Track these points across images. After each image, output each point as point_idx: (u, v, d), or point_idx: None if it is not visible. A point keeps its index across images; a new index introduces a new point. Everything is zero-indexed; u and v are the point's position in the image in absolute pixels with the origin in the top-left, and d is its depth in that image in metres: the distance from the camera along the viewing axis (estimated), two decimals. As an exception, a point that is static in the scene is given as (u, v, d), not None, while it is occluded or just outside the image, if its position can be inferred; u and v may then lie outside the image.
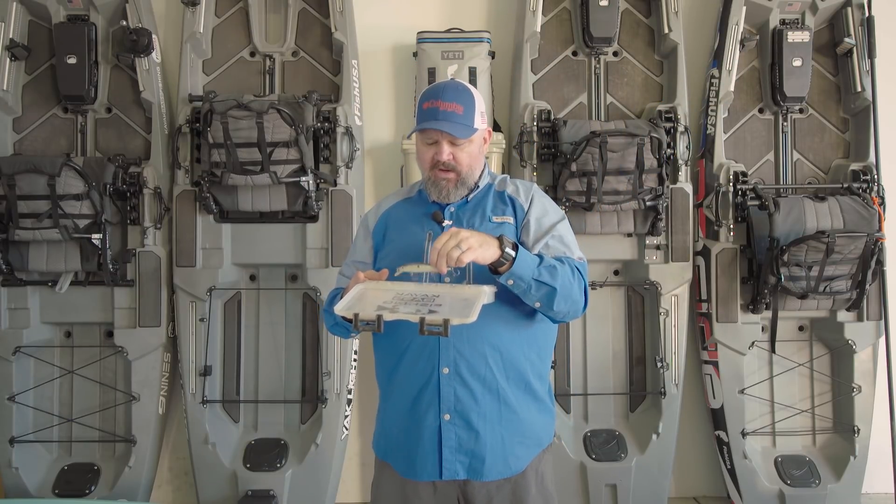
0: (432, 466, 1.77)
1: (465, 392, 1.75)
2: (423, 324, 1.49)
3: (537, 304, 1.69)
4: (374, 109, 3.63)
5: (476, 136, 1.82)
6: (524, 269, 1.63)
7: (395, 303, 1.59)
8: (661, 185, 3.22)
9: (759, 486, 3.31)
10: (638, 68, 3.52)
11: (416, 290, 1.64)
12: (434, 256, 1.58)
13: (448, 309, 1.54)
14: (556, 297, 1.67)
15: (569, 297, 1.70)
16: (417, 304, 1.58)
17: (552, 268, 1.67)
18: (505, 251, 1.61)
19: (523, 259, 1.64)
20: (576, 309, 1.75)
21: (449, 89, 1.82)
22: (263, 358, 3.42)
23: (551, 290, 1.66)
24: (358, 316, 1.55)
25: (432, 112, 1.77)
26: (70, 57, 3.26)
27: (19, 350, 3.26)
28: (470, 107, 1.80)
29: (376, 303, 1.60)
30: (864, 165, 3.40)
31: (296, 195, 3.20)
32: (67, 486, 3.22)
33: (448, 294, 1.62)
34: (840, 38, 3.46)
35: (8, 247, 3.16)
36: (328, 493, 3.28)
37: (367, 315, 1.55)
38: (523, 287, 1.65)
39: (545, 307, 1.70)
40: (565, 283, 1.68)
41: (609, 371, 3.47)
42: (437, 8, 3.72)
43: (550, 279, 1.66)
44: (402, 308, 1.56)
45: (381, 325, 1.53)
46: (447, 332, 1.48)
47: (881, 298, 3.36)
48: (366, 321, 1.54)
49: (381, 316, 1.54)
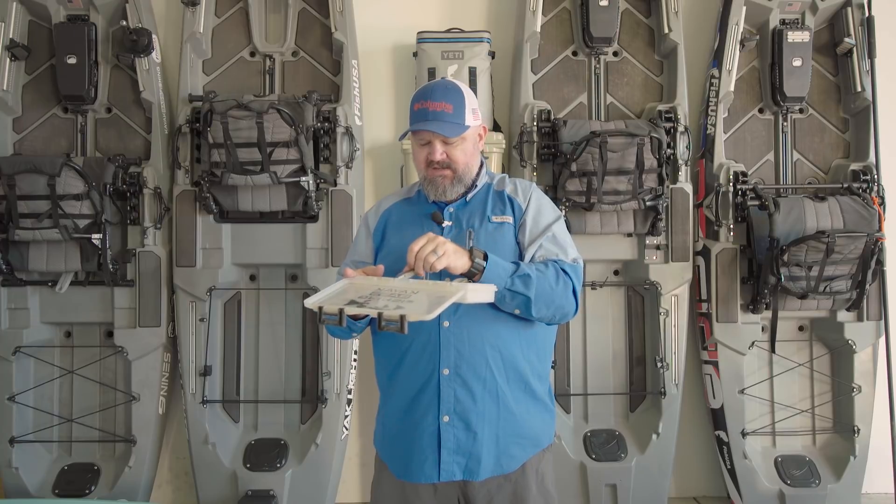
0: (430, 468, 1.76)
1: (465, 393, 1.75)
2: (380, 319, 1.48)
3: (516, 311, 1.72)
4: (374, 109, 3.63)
5: (469, 134, 1.82)
6: (495, 280, 1.65)
7: (369, 297, 1.58)
8: (661, 185, 3.22)
9: (759, 486, 3.31)
10: (638, 68, 3.52)
11: (398, 286, 1.62)
12: (411, 258, 1.61)
13: (416, 305, 1.52)
14: (531, 304, 1.69)
15: (550, 303, 1.72)
16: (391, 299, 1.56)
17: (526, 276, 1.69)
18: (475, 262, 1.64)
19: (493, 270, 1.66)
20: (563, 313, 1.77)
21: (438, 89, 1.82)
22: (263, 358, 3.42)
23: (525, 298, 1.68)
24: (322, 309, 1.55)
25: (422, 113, 1.78)
26: (70, 57, 3.26)
27: (19, 350, 3.26)
28: (460, 104, 1.80)
29: (353, 297, 1.59)
30: (864, 165, 3.39)
31: (296, 195, 3.20)
32: (67, 486, 3.22)
33: (426, 291, 1.59)
34: (840, 38, 3.46)
35: (8, 247, 3.16)
36: (328, 493, 3.28)
37: (330, 309, 1.55)
38: (497, 297, 1.66)
39: (524, 313, 1.72)
40: (543, 290, 1.70)
41: (609, 371, 3.47)
42: (437, 8, 3.72)
43: (524, 288, 1.68)
44: (371, 303, 1.55)
45: (343, 319, 1.53)
46: (404, 329, 1.46)
47: (881, 298, 3.36)
48: (329, 314, 1.54)
49: (342, 310, 1.53)
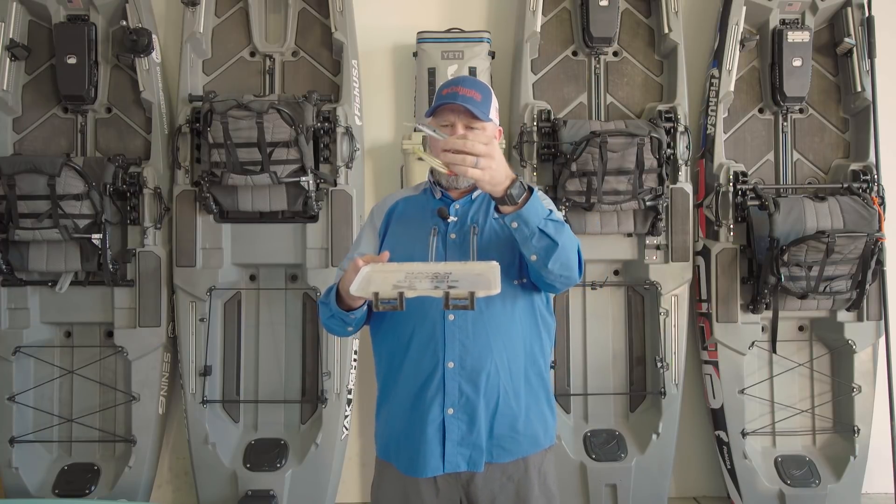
0: (436, 461, 1.77)
1: (470, 386, 1.76)
2: (447, 298, 1.41)
3: (533, 258, 1.65)
4: (374, 109, 3.63)
5: (490, 127, 1.84)
6: (532, 216, 1.59)
7: (410, 281, 1.51)
8: (661, 185, 3.22)
9: (759, 486, 3.31)
10: (638, 68, 3.52)
11: (426, 269, 1.58)
12: (452, 147, 1.54)
13: (466, 283, 1.47)
14: (555, 252, 1.63)
15: (567, 260, 1.67)
16: (433, 280, 1.50)
17: (559, 223, 1.65)
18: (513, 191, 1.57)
19: (534, 205, 1.59)
20: (569, 275, 1.71)
21: (468, 79, 1.91)
22: (263, 358, 3.42)
23: (553, 244, 1.62)
24: (378, 295, 1.44)
25: (452, 95, 1.81)
26: (70, 57, 3.26)
27: (19, 350, 3.26)
28: (487, 97, 1.84)
29: (390, 282, 1.51)
30: (864, 165, 3.40)
31: (296, 195, 3.20)
32: (67, 486, 3.22)
33: (459, 270, 1.55)
34: (840, 38, 3.46)
35: (8, 247, 3.16)
36: (328, 493, 3.28)
37: (388, 293, 1.44)
38: (526, 234, 1.61)
39: (541, 262, 1.65)
40: (566, 243, 1.65)
41: (609, 371, 3.47)
42: (437, 8, 3.72)
43: (555, 233, 1.62)
44: (418, 285, 1.48)
45: (403, 303, 1.44)
46: (473, 305, 1.41)
47: (881, 298, 3.36)
48: (387, 299, 1.44)
49: (402, 293, 1.44)
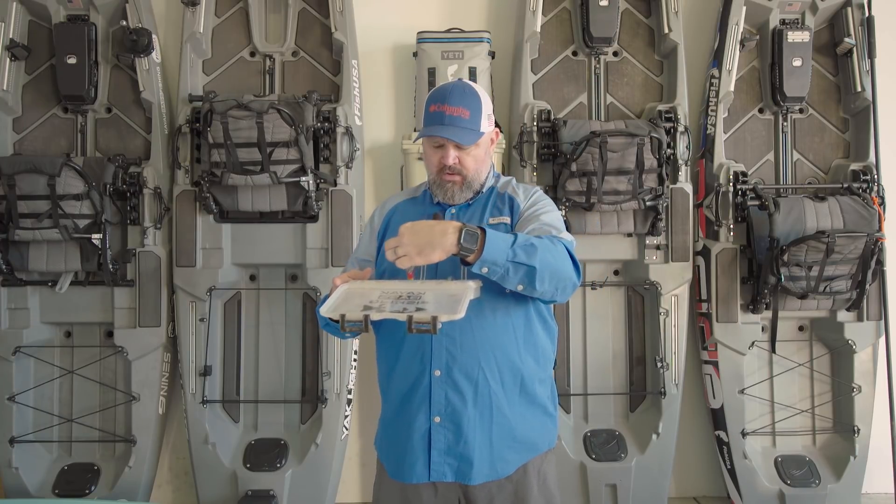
0: (421, 468, 1.76)
1: (456, 395, 1.74)
2: (410, 322, 1.44)
3: (520, 287, 1.59)
4: (374, 109, 3.63)
5: (482, 140, 1.82)
6: (496, 254, 1.52)
7: (382, 301, 1.54)
8: (661, 185, 3.22)
9: (759, 486, 3.31)
10: (638, 68, 3.52)
11: (401, 288, 1.60)
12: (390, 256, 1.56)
13: (434, 306, 1.49)
14: (536, 275, 1.56)
15: (554, 274, 1.59)
16: (404, 301, 1.52)
17: (529, 246, 1.56)
18: (463, 245, 1.51)
19: (493, 243, 1.53)
20: (564, 285, 1.64)
21: (455, 93, 1.79)
22: (263, 358, 3.42)
23: (530, 269, 1.55)
24: (344, 317, 1.49)
25: (438, 116, 1.76)
26: (70, 57, 3.26)
27: (19, 350, 3.26)
28: (476, 110, 1.79)
29: (363, 302, 1.54)
30: (864, 165, 3.39)
31: (296, 195, 3.20)
32: (67, 486, 3.22)
33: (433, 290, 1.57)
34: (840, 38, 3.45)
35: (8, 247, 3.16)
36: (328, 493, 3.28)
37: (354, 315, 1.48)
38: (500, 272, 1.54)
39: (529, 288, 1.59)
40: (546, 260, 1.57)
41: (609, 371, 3.47)
42: (437, 8, 3.71)
43: (528, 258, 1.54)
44: (388, 307, 1.51)
45: (368, 325, 1.49)
46: (436, 330, 1.43)
47: (881, 298, 3.36)
48: (353, 321, 1.48)
49: (367, 316, 1.48)
